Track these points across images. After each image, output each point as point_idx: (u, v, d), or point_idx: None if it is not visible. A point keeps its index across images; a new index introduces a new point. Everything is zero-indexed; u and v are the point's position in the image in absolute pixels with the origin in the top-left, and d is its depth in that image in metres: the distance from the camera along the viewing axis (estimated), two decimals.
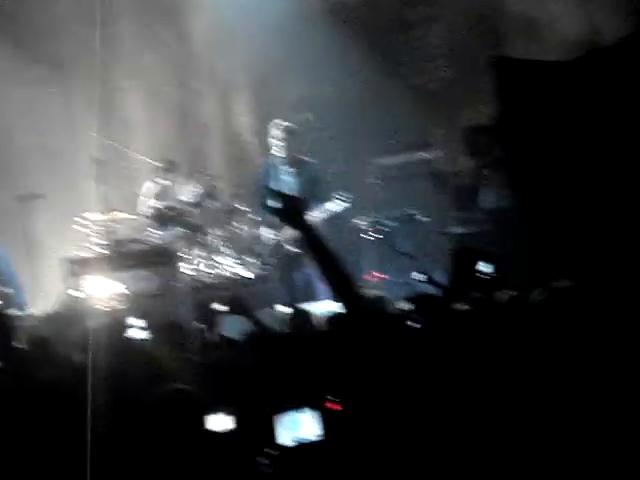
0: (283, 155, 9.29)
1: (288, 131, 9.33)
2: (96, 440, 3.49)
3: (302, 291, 9.29)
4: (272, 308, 8.60)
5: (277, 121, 9.42)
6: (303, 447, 2.13)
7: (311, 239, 3.95)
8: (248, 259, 10.71)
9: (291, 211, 4.01)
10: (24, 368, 4.50)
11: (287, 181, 9.35)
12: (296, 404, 1.93)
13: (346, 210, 10.11)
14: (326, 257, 3.91)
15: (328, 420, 2.76)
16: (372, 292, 9.80)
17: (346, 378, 3.61)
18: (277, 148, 9.30)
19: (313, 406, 2.02)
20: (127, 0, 12.32)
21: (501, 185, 9.20)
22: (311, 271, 9.37)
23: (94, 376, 4.50)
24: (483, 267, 5.00)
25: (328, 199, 9.20)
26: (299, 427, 1.86)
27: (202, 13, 12.01)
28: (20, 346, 5.72)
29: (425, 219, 10.02)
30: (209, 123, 12.56)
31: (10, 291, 9.89)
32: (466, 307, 4.53)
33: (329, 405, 1.88)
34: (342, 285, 3.86)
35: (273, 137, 9.31)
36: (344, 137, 12.06)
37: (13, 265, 10.13)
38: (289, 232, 9.33)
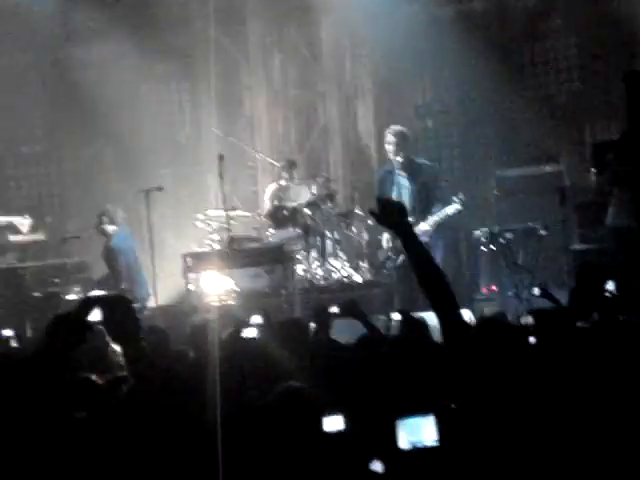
0: (399, 159, 9.25)
1: (402, 135, 9.30)
2: (211, 436, 3.50)
3: (418, 299, 9.20)
4: (385, 315, 8.53)
5: (393, 127, 9.39)
6: (422, 451, 2.08)
7: (411, 248, 3.85)
8: (361, 263, 10.67)
9: (391, 217, 3.91)
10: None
11: (403, 185, 9.33)
12: (416, 409, 1.89)
13: (464, 220, 9.99)
14: (425, 268, 3.80)
15: (448, 425, 2.70)
16: (485, 305, 9.70)
17: (464, 386, 3.54)
18: (392, 153, 9.28)
19: (433, 411, 1.99)
20: (257, 1, 12.45)
21: (627, 203, 8.94)
22: None
23: (209, 371, 4.51)
24: (610, 286, 4.84)
25: (445, 202, 9.13)
26: (419, 431, 1.82)
27: (332, 16, 12.04)
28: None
29: (545, 233, 9.80)
30: (331, 126, 12.58)
31: (134, 284, 10.11)
32: (588, 326, 4.39)
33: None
34: (438, 299, 3.74)
35: (388, 142, 9.29)
36: (465, 146, 11.92)
37: (139, 258, 10.35)
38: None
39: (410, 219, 9.27)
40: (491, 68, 11.12)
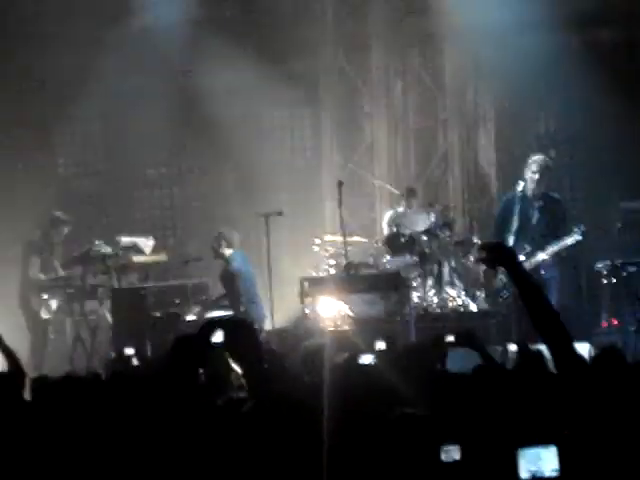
0: (536, 188, 9.25)
1: (544, 164, 9.31)
2: (329, 461, 3.51)
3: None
4: (501, 345, 8.42)
5: (538, 156, 9.37)
6: None
7: (521, 285, 3.82)
8: (477, 292, 10.57)
9: (499, 259, 3.91)
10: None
11: (532, 214, 9.29)
12: (537, 439, 1.88)
13: (586, 251, 9.82)
14: (535, 304, 3.76)
15: (569, 456, 2.67)
16: (605, 339, 9.48)
17: (584, 417, 3.49)
18: (532, 181, 9.27)
19: (555, 442, 1.97)
20: (381, 29, 12.53)
21: None
22: None
23: (324, 395, 4.54)
24: None
25: (567, 234, 9.06)
26: (540, 462, 1.81)
27: (455, 43, 12.02)
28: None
29: None
30: (450, 154, 12.54)
31: (251, 306, 10.23)
32: None
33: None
34: (550, 335, 3.70)
35: (533, 171, 9.29)
36: (588, 177, 11.71)
37: (257, 282, 10.45)
38: (527, 265, 9.21)
39: (528, 247, 9.12)
40: (616, 98, 10.90)
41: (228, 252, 10.39)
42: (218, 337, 3.63)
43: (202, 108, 12.43)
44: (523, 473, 1.87)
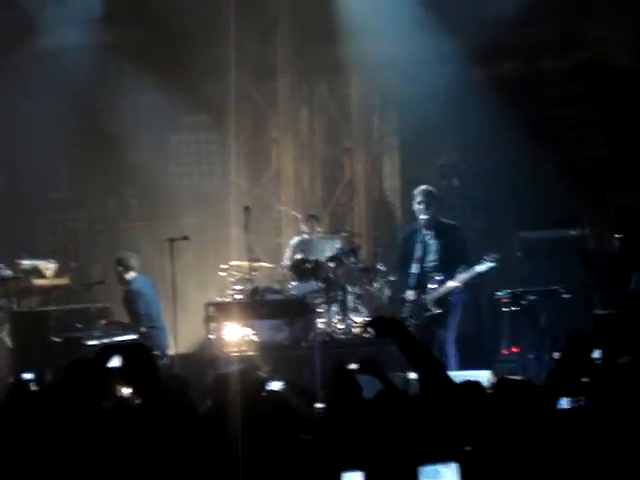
0: (426, 218, 9.39)
1: (429, 195, 9.47)
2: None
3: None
4: (404, 372, 8.51)
5: (421, 186, 9.55)
6: None
7: (407, 349, 4.03)
8: None
9: (386, 329, 4.15)
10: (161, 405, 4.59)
11: (429, 243, 9.44)
12: (436, 457, 1.94)
13: (487, 281, 10.00)
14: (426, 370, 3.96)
15: (468, 472, 2.75)
16: (505, 367, 9.65)
17: (482, 437, 3.59)
18: (419, 211, 9.43)
19: (454, 459, 2.04)
20: (289, 56, 12.61)
21: None
22: (446, 336, 9.35)
23: (224, 421, 4.53)
24: (597, 354, 4.91)
25: (469, 263, 9.22)
26: (440, 478, 1.87)
27: (362, 73, 12.18)
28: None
29: (568, 297, 9.79)
30: (356, 181, 12.67)
31: (154, 330, 10.12)
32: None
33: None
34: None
35: (417, 201, 9.45)
36: (489, 207, 11.96)
37: (161, 305, 10.36)
38: (437, 292, 9.39)
39: (438, 276, 9.28)
40: (518, 130, 11.18)
41: (130, 276, 10.29)
42: (115, 362, 3.60)
43: (107, 132, 12.32)
44: None
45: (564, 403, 4.36)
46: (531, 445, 3.57)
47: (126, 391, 4.18)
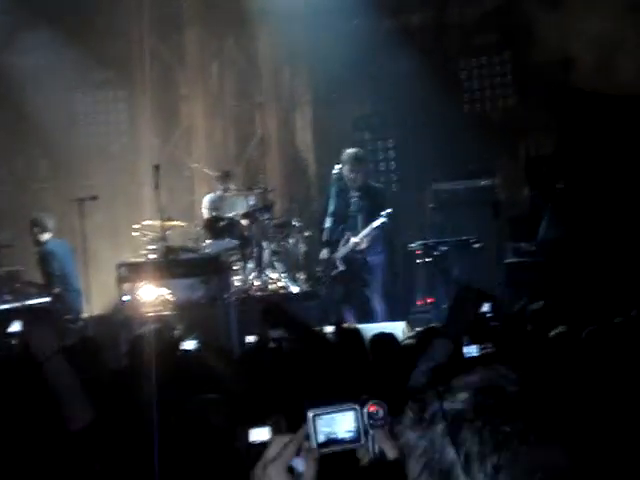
0: (354, 179, 9.44)
1: (357, 157, 9.52)
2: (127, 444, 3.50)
3: (357, 311, 9.39)
4: (320, 326, 8.54)
5: (351, 150, 9.58)
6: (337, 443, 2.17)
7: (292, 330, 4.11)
8: (297, 274, 10.68)
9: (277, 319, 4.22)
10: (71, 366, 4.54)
11: (355, 203, 9.48)
12: (335, 405, 1.96)
13: (401, 233, 10.09)
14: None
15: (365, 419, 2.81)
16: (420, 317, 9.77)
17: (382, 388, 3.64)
18: (349, 174, 9.44)
19: (351, 406, 2.06)
20: (196, 10, 12.41)
21: (560, 217, 9.09)
22: (371, 293, 9.47)
23: (135, 379, 4.49)
24: (486, 308, 5.04)
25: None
26: (337, 426, 1.90)
27: (269, 28, 12.05)
28: (69, 344, 5.74)
29: (479, 246, 9.92)
30: (268, 137, 12.59)
31: (69, 292, 9.99)
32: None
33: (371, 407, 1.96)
34: None
35: (344, 162, 9.48)
36: (402, 159, 12.01)
37: (76, 267, 10.21)
38: (343, 250, 9.47)
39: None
40: (428, 82, 11.22)
41: (45, 237, 10.11)
42: (15, 327, 3.54)
43: (11, 91, 12.00)
44: (320, 436, 1.96)
45: (473, 351, 4.43)
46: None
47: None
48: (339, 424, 2.07)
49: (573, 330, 4.82)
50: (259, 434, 3.04)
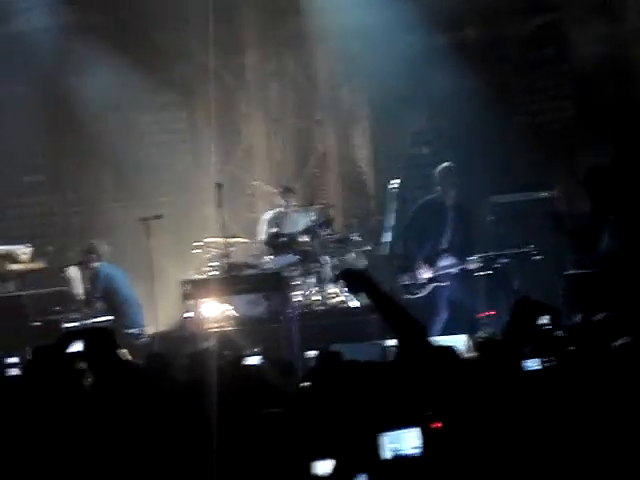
0: (453, 197, 9.71)
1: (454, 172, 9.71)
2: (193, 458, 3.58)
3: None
4: (382, 339, 8.62)
5: (445, 164, 9.91)
6: (405, 461, 2.20)
7: (380, 303, 4.04)
8: None
9: (357, 283, 4.18)
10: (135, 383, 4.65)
11: (451, 222, 9.84)
12: (400, 423, 2.00)
13: None
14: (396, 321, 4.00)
15: (430, 438, 2.83)
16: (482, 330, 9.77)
17: (445, 403, 3.67)
18: (447, 189, 9.81)
19: (416, 424, 2.09)
20: (254, 32, 12.61)
21: (621, 229, 9.03)
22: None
23: (200, 397, 4.60)
24: (545, 320, 5.01)
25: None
26: (403, 443, 1.95)
27: (328, 45, 12.18)
28: (134, 361, 5.88)
29: (539, 258, 9.90)
30: (328, 153, 12.71)
31: (127, 309, 10.22)
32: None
33: (432, 425, 2.00)
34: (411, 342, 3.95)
35: (445, 179, 9.59)
36: (460, 173, 12.02)
37: (130, 284, 10.44)
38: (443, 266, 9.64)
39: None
40: (485, 96, 11.24)
41: (96, 264, 10.45)
42: (77, 347, 3.66)
43: (79, 113, 12.29)
44: (386, 454, 2.03)
45: (532, 364, 4.44)
46: (498, 408, 3.65)
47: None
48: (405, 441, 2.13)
49: (637, 341, 4.81)
50: (323, 467, 3.08)
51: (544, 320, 4.48)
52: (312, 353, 6.64)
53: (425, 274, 9.66)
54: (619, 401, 3.93)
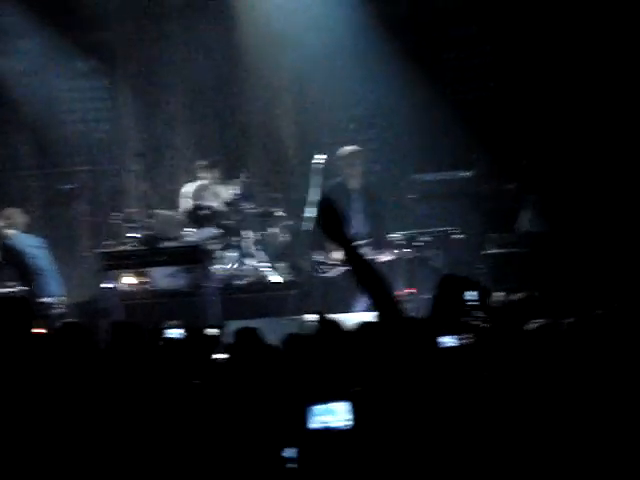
0: (358, 181, 9.72)
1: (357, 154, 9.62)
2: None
3: (339, 299, 9.46)
4: (299, 314, 8.62)
5: (355, 148, 9.88)
6: (332, 433, 2.18)
7: (352, 257, 3.97)
8: (279, 264, 10.73)
9: (334, 227, 4.03)
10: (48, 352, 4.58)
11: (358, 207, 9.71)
12: (328, 396, 1.99)
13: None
14: (366, 275, 3.92)
15: (357, 410, 2.83)
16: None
17: (371, 377, 3.68)
18: (352, 171, 9.74)
19: (344, 397, 2.08)
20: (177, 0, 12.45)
21: (539, 208, 9.18)
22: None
23: (118, 367, 4.54)
24: (469, 296, 5.03)
25: None
26: (331, 415, 1.93)
27: (251, 16, 12.06)
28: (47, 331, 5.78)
29: (460, 237, 9.99)
30: (251, 126, 12.60)
31: (42, 279, 10.03)
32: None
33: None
34: (381, 300, 3.87)
35: (350, 161, 9.58)
36: (383, 150, 12.06)
37: (47, 255, 10.24)
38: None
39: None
40: (408, 75, 11.28)
41: (10, 232, 10.21)
42: None
43: None
44: (313, 425, 2.00)
45: (449, 341, 4.45)
46: (417, 383, 3.65)
47: None
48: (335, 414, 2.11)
49: (553, 322, 4.88)
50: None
51: (471, 296, 4.51)
52: (232, 327, 6.59)
53: (335, 255, 9.60)
54: (532, 380, 3.98)
